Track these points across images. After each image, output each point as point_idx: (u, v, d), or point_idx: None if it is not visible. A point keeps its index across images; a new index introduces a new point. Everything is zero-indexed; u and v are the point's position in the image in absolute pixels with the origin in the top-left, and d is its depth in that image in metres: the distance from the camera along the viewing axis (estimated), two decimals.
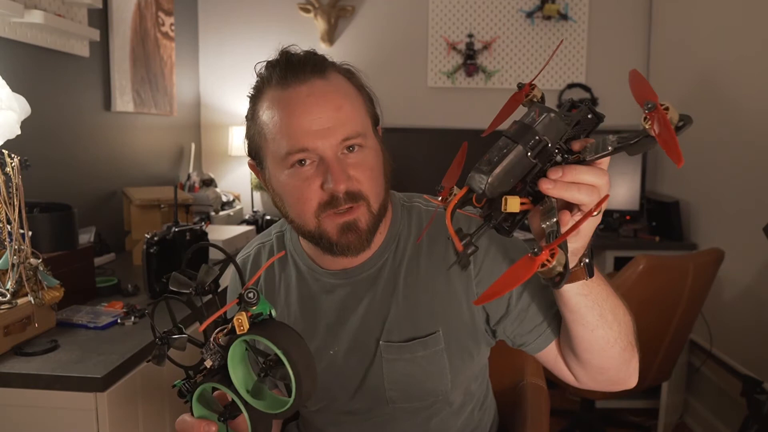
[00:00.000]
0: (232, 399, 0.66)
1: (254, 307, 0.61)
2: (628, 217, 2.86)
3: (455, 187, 0.66)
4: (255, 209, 3.15)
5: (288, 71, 0.85)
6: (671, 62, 2.94)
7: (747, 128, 2.27)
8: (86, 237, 1.95)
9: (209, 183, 2.97)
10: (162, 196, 2.12)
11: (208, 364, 0.67)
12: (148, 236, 1.62)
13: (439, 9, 3.15)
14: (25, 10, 1.71)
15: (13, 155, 1.26)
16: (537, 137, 0.61)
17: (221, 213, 2.80)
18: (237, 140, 3.11)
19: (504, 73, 3.18)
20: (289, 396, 0.61)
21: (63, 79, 2.03)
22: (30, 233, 1.30)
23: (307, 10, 3.12)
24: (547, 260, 0.56)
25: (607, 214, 2.86)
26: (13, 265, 1.26)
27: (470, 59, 3.14)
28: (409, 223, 0.97)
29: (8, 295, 1.27)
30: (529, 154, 0.61)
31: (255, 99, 0.89)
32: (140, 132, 2.61)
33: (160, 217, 2.10)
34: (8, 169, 1.25)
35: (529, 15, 3.12)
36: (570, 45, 3.16)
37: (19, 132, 1.31)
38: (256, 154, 0.91)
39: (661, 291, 1.86)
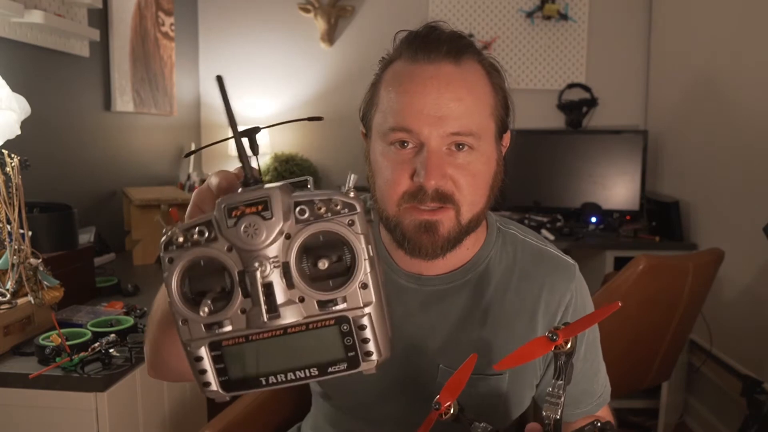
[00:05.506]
0: None
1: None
2: (628, 217, 2.86)
3: (456, 403, 0.69)
4: None
5: (420, 47, 0.79)
6: (671, 62, 2.94)
7: (747, 128, 2.27)
8: (86, 237, 1.95)
9: None
10: (162, 196, 2.12)
11: None
12: None
13: (439, 9, 3.15)
14: (25, 10, 1.71)
15: (13, 155, 1.26)
16: None
17: None
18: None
19: (504, 73, 3.17)
20: None
21: (63, 79, 2.03)
22: (30, 233, 1.29)
23: (307, 10, 3.12)
24: (563, 344, 0.64)
25: (607, 214, 2.86)
26: (13, 265, 1.26)
27: None
28: (503, 250, 0.90)
29: (8, 295, 1.27)
30: None
31: (383, 66, 0.84)
32: (140, 132, 2.61)
33: (160, 217, 2.10)
34: (8, 169, 1.25)
35: (529, 15, 3.12)
36: (570, 45, 3.16)
37: (19, 132, 1.31)
38: (365, 122, 0.86)
39: (661, 291, 1.86)
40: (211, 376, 0.51)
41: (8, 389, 1.17)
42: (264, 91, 3.25)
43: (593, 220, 2.84)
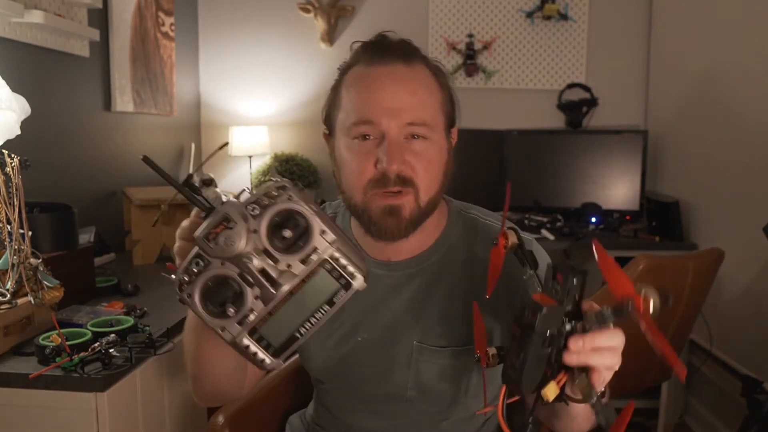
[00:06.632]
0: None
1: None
2: (628, 217, 2.86)
3: (492, 348, 0.75)
4: None
5: (376, 53, 0.90)
6: (671, 62, 2.94)
7: (747, 128, 2.27)
8: (86, 237, 1.95)
9: (209, 183, 2.96)
10: (162, 196, 2.12)
11: None
12: None
13: (439, 9, 3.15)
14: (25, 10, 1.71)
15: (13, 155, 1.26)
16: (541, 335, 0.66)
17: None
18: (237, 140, 3.11)
19: (504, 73, 3.18)
20: None
21: (63, 79, 2.03)
22: (30, 233, 1.29)
23: (307, 10, 3.12)
24: (506, 242, 0.72)
25: (607, 214, 2.86)
26: (13, 265, 1.26)
27: (470, 59, 3.14)
28: (464, 231, 0.97)
29: (8, 295, 1.27)
30: (543, 349, 0.67)
31: (342, 72, 0.94)
32: (140, 132, 2.61)
33: (160, 217, 2.10)
34: (8, 169, 1.25)
35: (529, 15, 3.12)
36: (570, 45, 3.16)
37: (19, 132, 1.31)
38: (329, 124, 0.95)
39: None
40: (262, 354, 0.65)
41: (8, 389, 1.17)
42: (264, 91, 3.25)
43: (593, 220, 2.84)
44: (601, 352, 0.67)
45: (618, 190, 2.89)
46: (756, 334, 2.20)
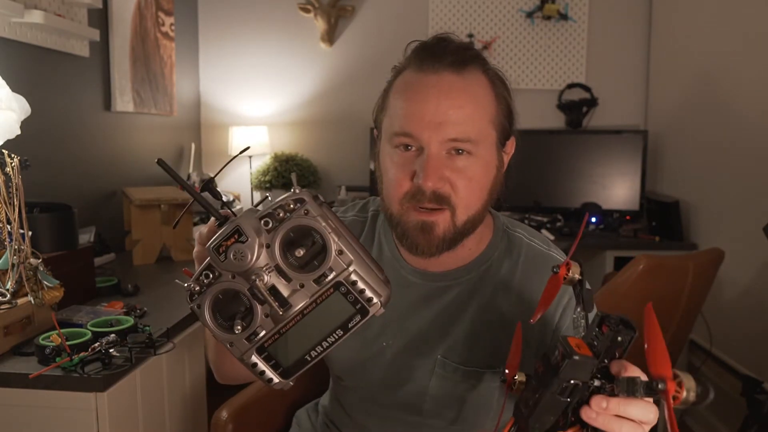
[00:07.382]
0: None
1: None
2: (628, 217, 2.86)
3: (522, 374, 0.69)
4: None
5: (426, 58, 0.84)
6: (671, 62, 2.94)
7: (747, 128, 2.27)
8: (86, 237, 1.95)
9: (209, 183, 2.96)
10: (162, 196, 2.12)
11: None
12: None
13: (439, 9, 3.15)
14: (25, 10, 1.71)
15: (13, 155, 1.26)
16: (562, 383, 0.60)
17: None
18: (237, 140, 3.11)
19: (504, 73, 3.17)
20: None
21: (63, 79, 2.03)
22: (30, 233, 1.29)
23: (307, 10, 3.12)
24: (567, 273, 0.65)
25: (607, 214, 2.86)
26: (13, 265, 1.26)
27: None
28: (506, 251, 0.93)
29: (8, 295, 1.27)
30: (560, 397, 0.61)
31: (394, 75, 0.89)
32: (140, 132, 2.61)
33: (160, 217, 2.10)
34: (8, 169, 1.25)
35: (529, 15, 3.12)
36: (570, 45, 3.16)
37: (19, 132, 1.31)
38: (377, 125, 0.92)
39: (661, 291, 1.85)
40: (270, 373, 0.63)
41: (8, 389, 1.17)
42: (264, 91, 3.25)
43: (593, 220, 2.84)
44: (623, 422, 0.60)
45: (618, 190, 2.89)
46: (756, 335, 2.20)
